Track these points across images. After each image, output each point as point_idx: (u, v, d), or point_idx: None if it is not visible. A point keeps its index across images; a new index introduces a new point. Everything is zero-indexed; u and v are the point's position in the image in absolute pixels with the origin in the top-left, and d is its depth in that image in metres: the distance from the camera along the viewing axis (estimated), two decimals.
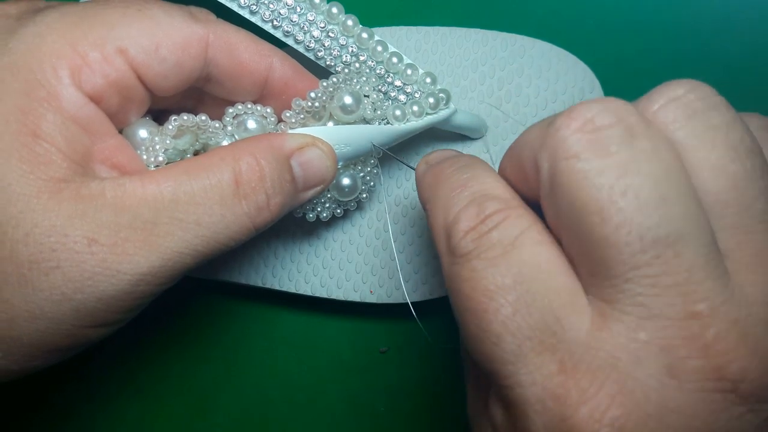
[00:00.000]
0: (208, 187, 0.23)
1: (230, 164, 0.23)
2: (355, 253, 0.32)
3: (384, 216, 0.32)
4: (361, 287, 0.32)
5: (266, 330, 0.35)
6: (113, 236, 0.21)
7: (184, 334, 0.35)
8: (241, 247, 0.32)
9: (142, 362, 0.35)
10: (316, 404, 0.35)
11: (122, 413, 0.35)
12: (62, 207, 0.21)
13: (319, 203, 0.29)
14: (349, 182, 0.28)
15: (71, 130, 0.22)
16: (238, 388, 0.35)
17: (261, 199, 0.23)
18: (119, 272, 0.21)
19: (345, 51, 0.29)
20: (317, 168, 0.26)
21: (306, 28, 0.28)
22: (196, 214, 0.22)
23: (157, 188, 0.22)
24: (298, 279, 0.32)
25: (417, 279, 0.32)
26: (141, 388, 0.35)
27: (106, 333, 0.23)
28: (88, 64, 0.22)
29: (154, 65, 0.23)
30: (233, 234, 0.23)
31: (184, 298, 0.35)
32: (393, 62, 0.29)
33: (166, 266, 0.22)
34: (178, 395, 0.35)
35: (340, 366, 0.35)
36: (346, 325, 0.35)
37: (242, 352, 0.35)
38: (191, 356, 0.35)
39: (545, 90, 0.31)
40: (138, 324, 0.35)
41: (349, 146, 0.27)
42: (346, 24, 0.29)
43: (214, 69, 0.25)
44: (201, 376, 0.35)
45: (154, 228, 0.22)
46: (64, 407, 0.35)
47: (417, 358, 0.35)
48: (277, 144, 0.25)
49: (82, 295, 0.21)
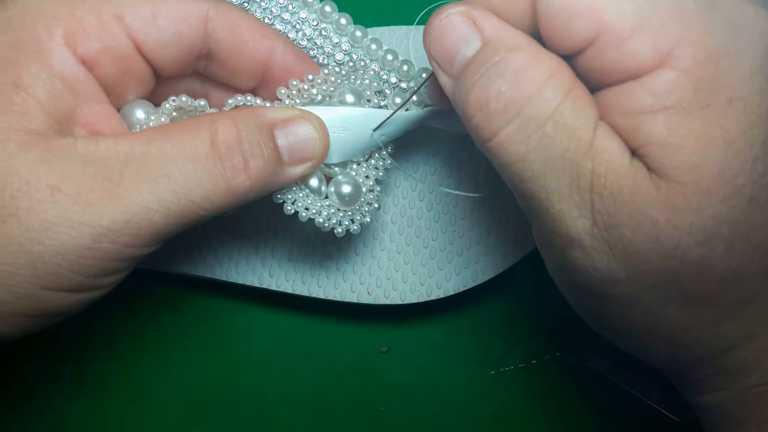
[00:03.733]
0: (181, 143, 0.22)
1: (207, 125, 0.22)
2: (353, 253, 0.32)
3: (382, 216, 0.32)
4: (359, 288, 0.31)
5: (266, 330, 0.35)
6: (78, 186, 0.20)
7: (184, 334, 0.35)
8: (239, 246, 0.32)
9: (141, 362, 0.35)
10: (316, 404, 0.35)
11: (122, 413, 0.35)
12: (28, 155, 0.20)
13: (324, 208, 0.26)
14: (349, 190, 0.26)
15: (56, 86, 0.21)
16: (238, 388, 0.35)
17: (237, 161, 0.22)
18: (80, 224, 0.20)
19: (338, 49, 0.28)
20: (305, 140, 0.24)
21: (298, 26, 0.28)
22: (167, 168, 0.21)
23: (130, 144, 0.21)
24: (296, 279, 0.32)
25: (415, 280, 0.31)
26: (140, 389, 0.35)
27: (69, 303, 0.22)
28: (83, 28, 0.22)
29: (152, 33, 0.23)
30: (207, 193, 0.22)
31: (183, 298, 0.35)
32: (388, 59, 0.28)
33: (131, 222, 0.21)
34: (177, 396, 0.35)
35: (340, 366, 0.35)
36: (346, 325, 0.35)
37: (241, 352, 0.35)
38: (191, 357, 0.35)
39: None
40: (137, 324, 0.35)
41: (347, 131, 0.25)
42: (340, 22, 0.28)
43: (214, 45, 0.25)
44: (200, 376, 0.35)
45: (121, 180, 0.21)
46: (63, 406, 0.35)
47: (417, 358, 0.35)
48: (260, 112, 0.24)
49: (41, 246, 0.20)
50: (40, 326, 0.22)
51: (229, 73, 0.26)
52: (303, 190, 0.25)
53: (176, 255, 0.33)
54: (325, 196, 0.26)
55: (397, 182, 0.32)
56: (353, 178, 0.26)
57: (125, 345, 0.35)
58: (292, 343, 0.35)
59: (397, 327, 0.35)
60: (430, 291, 0.31)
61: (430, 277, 0.31)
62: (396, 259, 0.31)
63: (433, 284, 0.31)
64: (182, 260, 0.33)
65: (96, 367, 0.35)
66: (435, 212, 0.31)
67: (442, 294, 0.31)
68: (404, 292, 0.31)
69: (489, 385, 0.34)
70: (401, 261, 0.31)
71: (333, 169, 0.26)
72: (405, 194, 0.31)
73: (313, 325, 0.35)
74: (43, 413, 0.35)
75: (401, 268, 0.31)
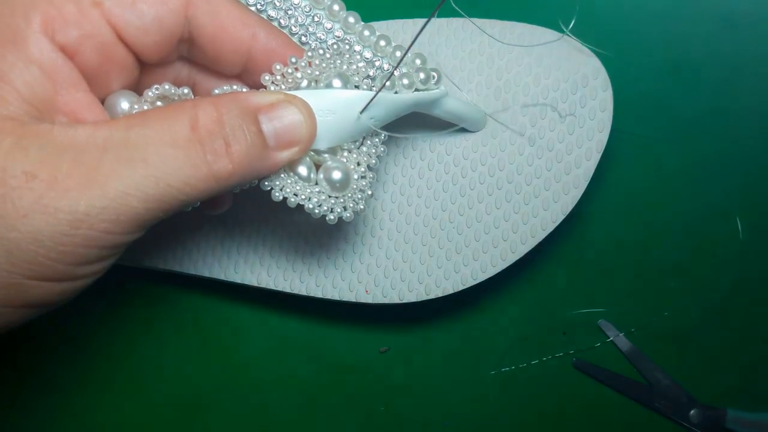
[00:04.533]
0: (160, 129, 0.21)
1: (188, 111, 0.22)
2: (351, 252, 0.31)
3: (380, 213, 0.31)
4: (357, 287, 0.31)
5: (264, 330, 0.35)
6: (54, 172, 0.20)
7: (182, 334, 0.35)
8: (237, 245, 0.32)
9: (141, 363, 0.35)
10: (316, 404, 0.34)
11: (121, 413, 0.35)
12: (3, 141, 0.20)
13: (314, 194, 0.25)
14: (340, 176, 0.25)
15: (33, 74, 0.21)
16: (236, 388, 0.35)
17: (219, 145, 0.22)
18: (57, 210, 0.20)
19: (330, 35, 0.28)
20: (291, 124, 0.24)
21: (290, 13, 0.28)
22: (145, 153, 0.21)
23: (109, 130, 0.21)
24: (294, 279, 0.32)
25: (413, 279, 0.31)
26: (138, 389, 0.35)
27: (51, 293, 0.21)
28: (62, 15, 0.22)
29: (133, 20, 0.23)
30: (187, 178, 0.21)
31: (181, 297, 0.35)
32: (381, 45, 0.27)
33: (109, 207, 0.20)
34: (175, 396, 0.35)
35: (340, 366, 0.34)
36: (346, 325, 0.35)
37: (240, 352, 0.35)
38: (189, 356, 0.35)
39: (546, 78, 0.30)
40: (135, 323, 0.35)
41: (333, 113, 0.24)
42: (332, 9, 0.28)
43: (195, 30, 0.25)
44: (199, 376, 0.35)
45: (99, 166, 0.20)
46: (62, 406, 0.35)
47: (417, 358, 0.34)
48: (242, 97, 0.23)
49: (17, 233, 0.20)
50: (23, 319, 0.22)
51: (212, 60, 0.26)
52: (291, 177, 0.25)
53: (175, 254, 0.33)
54: (315, 183, 0.25)
55: (395, 179, 0.31)
56: (343, 164, 0.25)
57: (123, 344, 0.35)
58: (292, 343, 0.35)
59: (397, 327, 0.34)
60: (428, 290, 0.31)
61: (428, 275, 0.31)
62: (394, 258, 0.31)
63: (432, 283, 0.31)
64: (180, 259, 0.33)
65: (94, 366, 0.35)
66: (433, 210, 0.31)
67: (440, 293, 0.31)
68: (402, 291, 0.31)
69: (489, 385, 0.34)
70: (399, 259, 0.31)
71: (323, 155, 0.25)
72: (403, 191, 0.31)
73: (312, 325, 0.35)
74: (40, 413, 0.35)
75: (399, 267, 0.31)
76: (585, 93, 0.30)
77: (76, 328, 0.35)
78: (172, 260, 0.32)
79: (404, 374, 0.34)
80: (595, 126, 0.30)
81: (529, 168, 0.30)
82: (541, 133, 0.30)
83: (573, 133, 0.30)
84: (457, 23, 0.31)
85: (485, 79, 0.31)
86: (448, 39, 0.31)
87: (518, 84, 0.30)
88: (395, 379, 0.34)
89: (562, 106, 0.30)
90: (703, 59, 0.33)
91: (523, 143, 0.30)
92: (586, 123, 0.30)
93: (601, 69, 0.30)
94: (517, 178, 0.30)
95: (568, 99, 0.30)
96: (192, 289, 0.35)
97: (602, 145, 0.30)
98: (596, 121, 0.30)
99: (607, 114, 0.30)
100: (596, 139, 0.30)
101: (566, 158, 0.30)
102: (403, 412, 0.34)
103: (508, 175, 0.30)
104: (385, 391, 0.34)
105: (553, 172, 0.30)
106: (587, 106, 0.30)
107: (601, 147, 0.30)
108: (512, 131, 0.30)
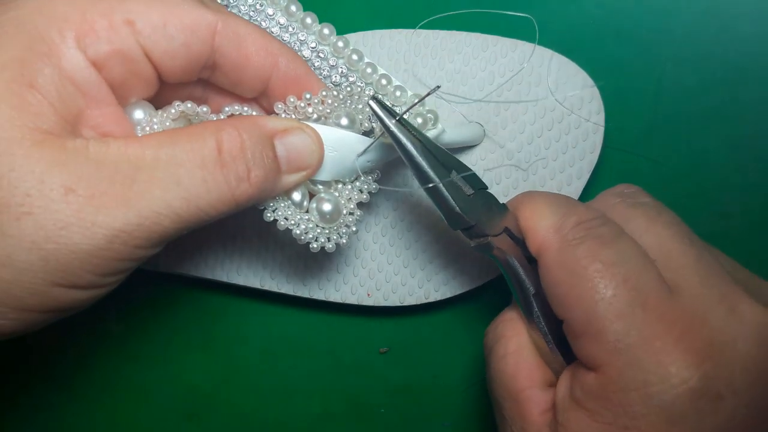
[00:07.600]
0: (189, 150, 0.22)
1: (213, 133, 0.23)
2: (353, 257, 0.32)
3: (381, 220, 0.32)
4: (359, 291, 0.32)
5: (266, 331, 0.35)
6: (91, 188, 0.21)
7: (184, 335, 0.35)
8: (241, 249, 0.33)
9: (140, 363, 0.35)
10: (316, 405, 0.35)
11: (120, 413, 0.35)
12: (43, 155, 0.20)
13: (303, 221, 0.27)
14: (330, 208, 0.26)
15: (67, 88, 0.22)
16: (238, 389, 0.35)
17: (241, 170, 0.23)
18: (94, 225, 0.21)
19: (335, 72, 0.29)
20: (302, 150, 0.25)
21: (297, 48, 0.29)
22: (177, 174, 0.22)
23: (140, 148, 0.22)
24: (296, 282, 0.32)
25: (414, 283, 0.31)
26: (140, 389, 0.35)
27: (77, 300, 0.22)
28: (94, 31, 0.22)
29: (162, 42, 0.23)
30: (213, 201, 0.23)
31: (184, 299, 0.35)
32: (382, 84, 0.29)
33: (143, 225, 0.21)
34: (177, 396, 0.35)
35: (340, 366, 0.35)
36: (346, 325, 0.35)
37: (242, 353, 0.35)
38: (191, 357, 0.35)
39: (544, 98, 0.31)
40: (137, 324, 0.35)
41: (335, 152, 0.26)
42: (337, 45, 0.29)
43: (220, 58, 0.25)
44: (201, 377, 0.35)
45: (133, 184, 0.21)
46: (62, 406, 0.35)
47: (417, 358, 0.35)
48: (261, 122, 0.24)
49: (54, 245, 0.20)
50: (47, 322, 0.23)
51: (232, 84, 0.26)
52: (285, 201, 0.26)
53: (178, 256, 0.33)
54: (306, 211, 0.27)
55: (397, 187, 0.32)
56: (335, 198, 0.27)
57: (125, 345, 0.35)
58: (293, 344, 0.35)
59: (397, 327, 0.35)
60: (428, 294, 0.31)
61: (428, 281, 0.31)
62: (395, 263, 0.32)
63: (431, 288, 0.31)
64: (184, 262, 0.33)
65: (96, 366, 0.35)
66: (436, 217, 0.31)
67: (440, 297, 0.31)
68: (403, 295, 0.31)
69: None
70: (400, 265, 0.31)
71: (317, 186, 0.27)
72: (405, 198, 0.32)
73: (312, 326, 0.35)
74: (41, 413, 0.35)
75: (400, 272, 0.31)
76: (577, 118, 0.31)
77: (75, 327, 0.35)
78: (176, 263, 0.33)
79: (404, 374, 0.35)
80: (586, 147, 0.31)
81: (524, 183, 0.31)
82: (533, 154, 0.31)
83: (566, 153, 0.31)
84: (459, 36, 0.31)
85: (485, 95, 0.31)
86: (450, 53, 0.31)
87: (518, 102, 0.31)
88: (395, 379, 0.35)
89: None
90: (700, 71, 0.33)
91: (519, 160, 0.31)
92: (578, 144, 0.31)
93: (596, 92, 0.30)
94: (523, 185, 0.31)
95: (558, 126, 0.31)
96: (195, 291, 0.35)
97: (592, 165, 0.31)
98: (588, 142, 0.31)
99: (599, 136, 0.31)
100: (587, 159, 0.31)
101: (558, 176, 0.31)
102: (403, 412, 0.35)
103: (508, 186, 0.31)
104: (385, 391, 0.35)
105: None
106: (579, 128, 0.30)
107: (591, 167, 0.31)
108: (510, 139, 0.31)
